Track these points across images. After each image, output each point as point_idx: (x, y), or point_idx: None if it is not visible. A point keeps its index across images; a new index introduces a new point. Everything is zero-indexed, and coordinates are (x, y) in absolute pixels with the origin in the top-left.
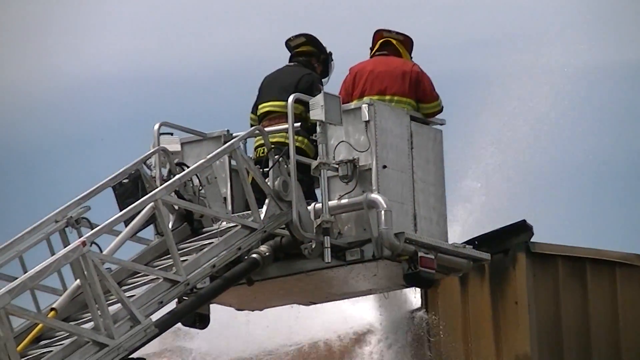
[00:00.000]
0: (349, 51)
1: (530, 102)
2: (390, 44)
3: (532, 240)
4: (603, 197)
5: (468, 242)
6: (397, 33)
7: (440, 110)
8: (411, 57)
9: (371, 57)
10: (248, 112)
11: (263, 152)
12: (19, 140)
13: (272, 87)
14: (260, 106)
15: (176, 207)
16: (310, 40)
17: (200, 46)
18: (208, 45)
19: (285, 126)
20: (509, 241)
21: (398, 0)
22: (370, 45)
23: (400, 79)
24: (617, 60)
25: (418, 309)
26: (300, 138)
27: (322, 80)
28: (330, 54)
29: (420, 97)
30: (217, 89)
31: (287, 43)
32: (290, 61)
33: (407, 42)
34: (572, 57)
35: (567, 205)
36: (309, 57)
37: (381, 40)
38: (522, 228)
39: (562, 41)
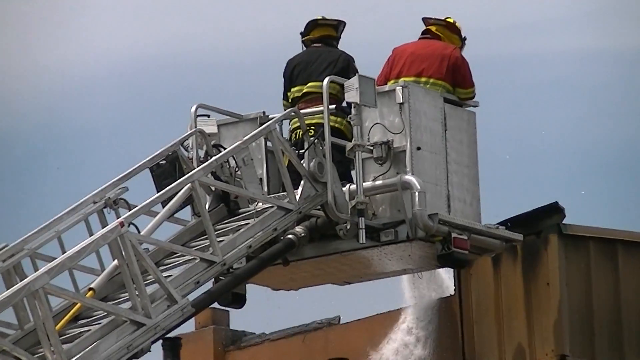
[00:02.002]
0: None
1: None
2: (432, 30)
3: (564, 222)
4: (634, 180)
5: (501, 224)
6: (437, 19)
7: (473, 96)
8: (462, 39)
9: (417, 40)
10: (282, 97)
11: (299, 135)
12: (60, 121)
13: (307, 68)
14: (295, 89)
15: (213, 188)
16: (340, 25)
17: (236, 30)
18: (243, 30)
19: (321, 108)
20: (541, 223)
21: None
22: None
23: (439, 62)
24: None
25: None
26: (338, 119)
27: None
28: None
29: (458, 82)
30: (253, 72)
31: (316, 22)
32: (313, 42)
33: (451, 28)
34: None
35: (598, 188)
36: (332, 40)
37: (427, 26)
38: (554, 210)
39: (594, 27)
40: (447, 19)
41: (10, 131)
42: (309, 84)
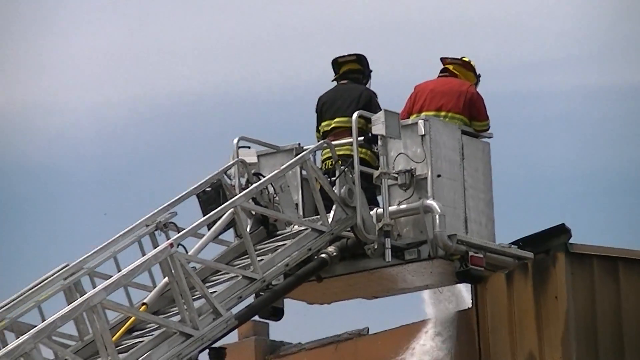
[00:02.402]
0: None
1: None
2: (450, 68)
3: (570, 241)
4: (632, 204)
5: (513, 243)
6: (454, 58)
7: (488, 129)
8: (477, 76)
9: (436, 77)
10: (314, 130)
11: (330, 164)
12: (115, 154)
13: (333, 105)
14: (324, 124)
15: (253, 213)
16: (360, 58)
17: (276, 70)
18: (281, 70)
19: (350, 140)
20: (549, 242)
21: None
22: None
23: (456, 98)
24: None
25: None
26: (363, 150)
27: None
28: (371, 71)
29: (474, 116)
30: (289, 108)
31: (336, 61)
32: (340, 80)
33: (467, 66)
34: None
35: (601, 211)
36: (357, 74)
37: (445, 65)
38: (561, 230)
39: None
40: (463, 58)
41: (64, 164)
42: (336, 119)
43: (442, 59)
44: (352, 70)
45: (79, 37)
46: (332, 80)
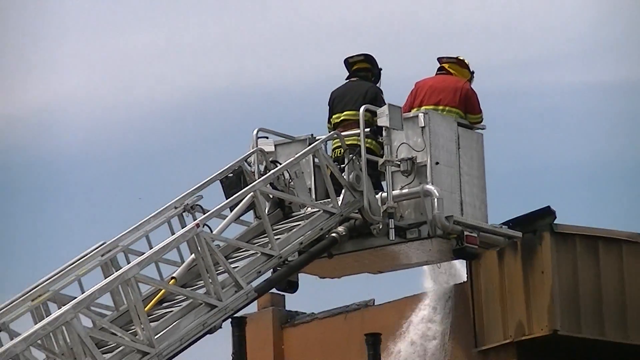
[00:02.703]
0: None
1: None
2: (446, 67)
3: (555, 222)
4: (611, 189)
5: (504, 224)
6: (449, 57)
7: (481, 121)
8: (471, 72)
9: (434, 75)
10: (326, 122)
11: (340, 152)
12: (147, 144)
13: (343, 100)
14: (334, 116)
15: (271, 196)
16: (368, 58)
17: (291, 67)
18: (296, 67)
19: (357, 131)
20: (536, 223)
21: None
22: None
23: (453, 93)
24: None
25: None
26: (369, 140)
27: None
28: (380, 69)
29: (468, 109)
30: (303, 101)
31: (347, 60)
32: (351, 77)
33: (462, 64)
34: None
35: (583, 194)
36: (366, 72)
37: (441, 64)
38: (547, 212)
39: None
40: (458, 57)
41: (102, 153)
42: (345, 112)
43: (439, 59)
44: (362, 69)
45: (113, 38)
46: (346, 79)
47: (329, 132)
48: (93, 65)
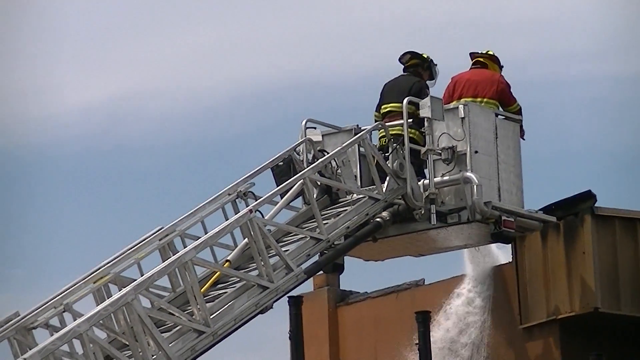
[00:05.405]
0: (455, 63)
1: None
2: (481, 60)
3: (595, 205)
4: None
5: (547, 207)
6: (485, 53)
7: (519, 109)
8: (501, 68)
9: (470, 69)
10: (373, 111)
11: (385, 142)
12: (203, 137)
13: (391, 92)
14: (382, 107)
15: (319, 183)
16: (413, 54)
17: (337, 62)
18: (343, 62)
19: (401, 121)
20: (578, 206)
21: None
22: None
23: (489, 86)
24: None
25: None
26: (412, 130)
27: (430, 81)
28: (431, 61)
29: (504, 101)
30: (349, 94)
31: (399, 60)
32: (403, 72)
33: (493, 59)
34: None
35: (622, 179)
36: (415, 67)
37: (475, 59)
38: (588, 196)
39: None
40: (489, 52)
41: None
42: (391, 104)
43: (472, 54)
44: (412, 65)
45: (179, 35)
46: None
47: (377, 120)
48: (159, 61)
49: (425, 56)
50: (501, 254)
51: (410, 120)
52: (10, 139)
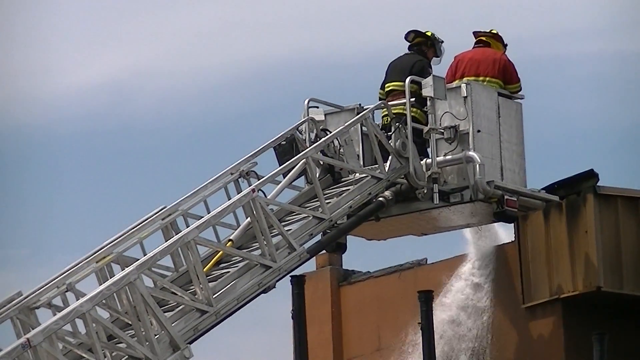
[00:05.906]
0: (458, 42)
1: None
2: (484, 39)
3: (598, 184)
4: None
5: (549, 186)
6: (488, 32)
7: (520, 90)
8: (504, 46)
9: (472, 48)
10: (376, 89)
11: (387, 121)
12: (206, 116)
13: (394, 70)
14: (386, 85)
15: (322, 162)
16: (417, 33)
17: (340, 41)
18: (345, 42)
19: (403, 100)
20: (580, 185)
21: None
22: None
23: (492, 64)
24: None
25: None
26: (415, 109)
27: (435, 58)
28: (436, 38)
29: (507, 79)
30: (352, 73)
31: (405, 38)
32: (408, 50)
33: (497, 38)
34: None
35: (624, 158)
36: (419, 45)
37: (478, 37)
38: (590, 175)
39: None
40: (492, 31)
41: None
42: (393, 83)
43: (475, 33)
44: (416, 43)
45: (182, 13)
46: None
47: (380, 98)
48: (162, 39)
49: (430, 34)
50: (504, 233)
51: (413, 99)
52: (13, 118)
